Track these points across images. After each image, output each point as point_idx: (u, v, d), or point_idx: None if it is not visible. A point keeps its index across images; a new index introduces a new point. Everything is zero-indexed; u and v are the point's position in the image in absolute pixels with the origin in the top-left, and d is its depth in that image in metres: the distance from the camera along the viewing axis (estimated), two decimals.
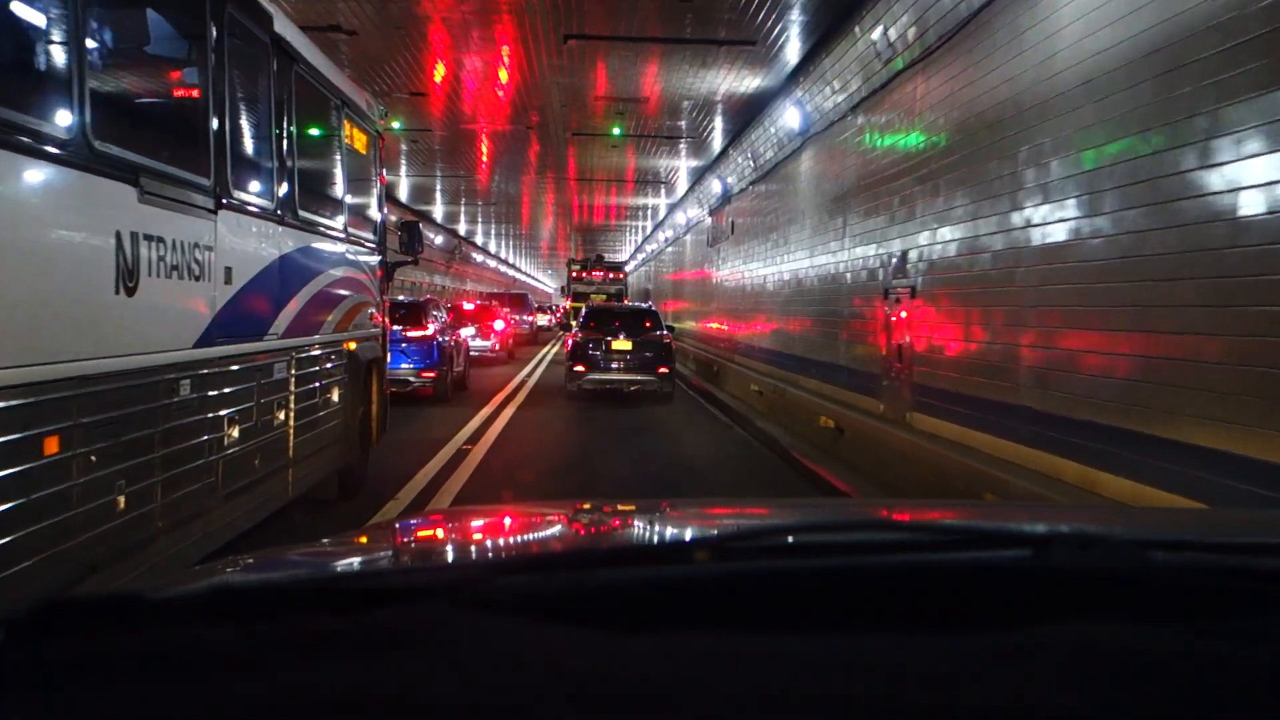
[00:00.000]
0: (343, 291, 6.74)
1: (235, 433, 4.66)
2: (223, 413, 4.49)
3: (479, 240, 43.74)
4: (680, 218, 27.80)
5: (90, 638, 0.82)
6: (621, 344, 15.23)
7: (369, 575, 1.29)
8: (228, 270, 4.52)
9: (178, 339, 4.03)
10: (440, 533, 1.78)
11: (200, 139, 4.33)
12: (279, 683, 0.74)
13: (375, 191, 8.00)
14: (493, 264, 51.11)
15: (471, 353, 18.68)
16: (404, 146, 19.17)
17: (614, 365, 15.18)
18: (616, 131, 17.07)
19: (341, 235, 6.70)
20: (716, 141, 18.33)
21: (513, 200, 29.94)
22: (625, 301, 30.52)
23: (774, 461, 10.52)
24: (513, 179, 25.42)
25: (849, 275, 11.07)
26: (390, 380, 13.97)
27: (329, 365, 6.36)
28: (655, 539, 1.64)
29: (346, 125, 6.88)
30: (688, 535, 1.68)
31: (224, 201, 4.46)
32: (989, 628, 0.85)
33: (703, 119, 16.28)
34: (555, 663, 0.78)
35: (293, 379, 5.56)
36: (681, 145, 19.05)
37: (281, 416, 5.40)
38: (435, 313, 15.43)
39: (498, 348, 23.62)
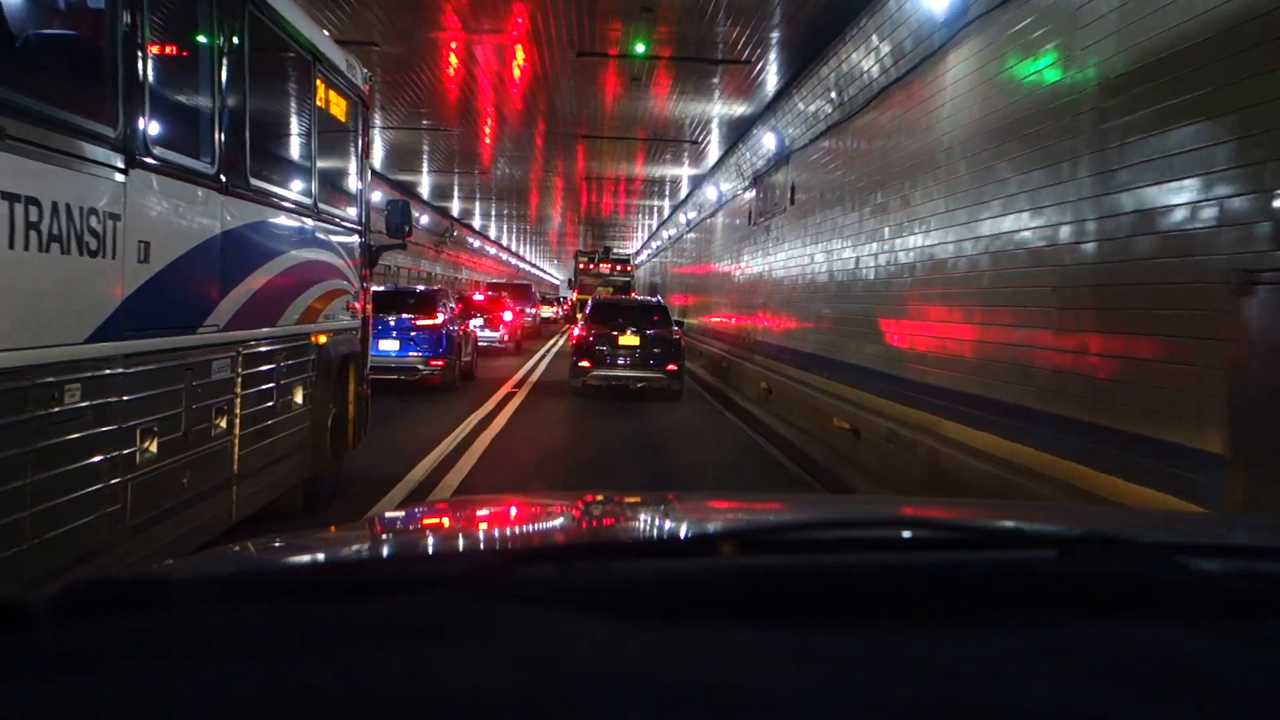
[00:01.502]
0: (310, 276, 5.84)
1: (152, 447, 3.77)
2: (133, 423, 3.60)
3: (476, 224, 39.04)
4: (709, 193, 21.58)
5: (118, 620, 0.82)
6: (629, 339, 14.57)
7: (393, 563, 1.28)
8: (143, 246, 3.63)
9: (60, 331, 3.13)
10: (458, 522, 1.74)
11: (105, 79, 3.42)
12: (312, 669, 0.73)
13: (356, 165, 7.09)
14: (493, 250, 47.68)
15: (480, 343, 18.62)
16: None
17: (620, 361, 14.52)
18: (640, 49, 11.42)
19: (310, 211, 5.80)
20: (771, 77, 12.64)
21: (515, 180, 25.48)
22: (633, 295, 29.56)
23: None
24: (515, 149, 19.93)
25: (1088, 247, 5.57)
26: (399, 368, 14.37)
27: (290, 361, 5.46)
28: (679, 532, 1.60)
29: (320, 85, 5.97)
30: (711, 528, 1.64)
31: (138, 158, 3.56)
32: (1016, 628, 0.84)
33: (755, 34, 10.70)
34: (594, 655, 0.76)
35: (239, 379, 4.67)
36: (716, 88, 13.54)
37: (223, 424, 4.51)
38: (445, 303, 15.23)
39: (506, 339, 23.53)
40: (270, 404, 5.15)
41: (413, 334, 14.05)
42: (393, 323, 13.98)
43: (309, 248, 5.79)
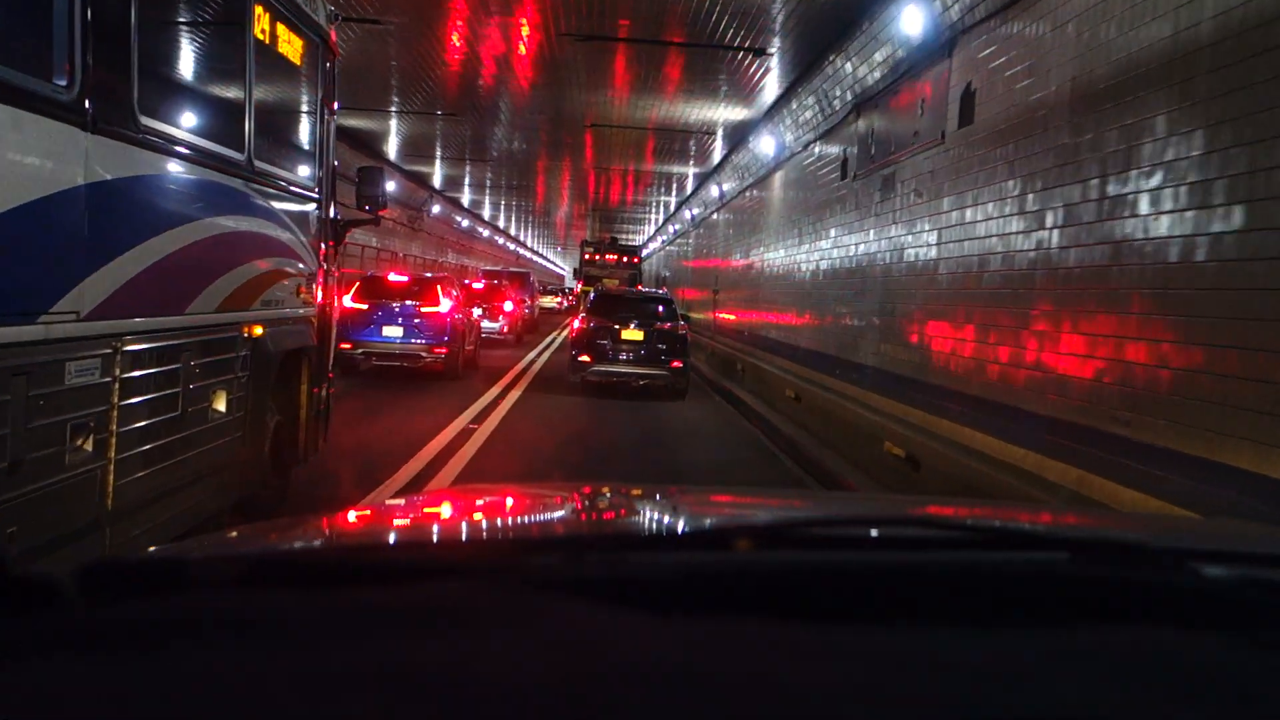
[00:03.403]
0: (240, 252, 4.65)
1: None
2: None
3: (465, 201, 34.72)
4: (764, 145, 15.13)
5: (146, 599, 0.83)
6: (632, 334, 13.71)
7: (416, 549, 1.25)
8: None
9: None
10: (473, 510, 1.71)
11: None
12: (342, 653, 0.73)
13: (313, 121, 5.88)
14: (486, 233, 44.23)
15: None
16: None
17: (623, 356, 13.68)
18: None
19: (241, 169, 4.59)
20: None
21: (515, 156, 21.63)
22: (639, 288, 28.20)
23: None
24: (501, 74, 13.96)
25: None
26: (403, 354, 13.90)
27: (206, 359, 4.27)
28: (694, 525, 1.54)
29: (259, 12, 4.74)
30: (727, 522, 1.59)
31: None
32: (1027, 629, 0.84)
33: None
34: (617, 646, 0.76)
35: (117, 385, 3.48)
36: None
37: (87, 446, 3.31)
38: (450, 290, 15.00)
39: (506, 330, 22.68)
40: (171, 415, 3.96)
41: (417, 321, 13.93)
42: (397, 309, 14.00)
43: (237, 215, 4.58)
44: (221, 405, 4.50)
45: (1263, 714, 0.73)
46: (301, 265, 5.54)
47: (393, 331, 13.90)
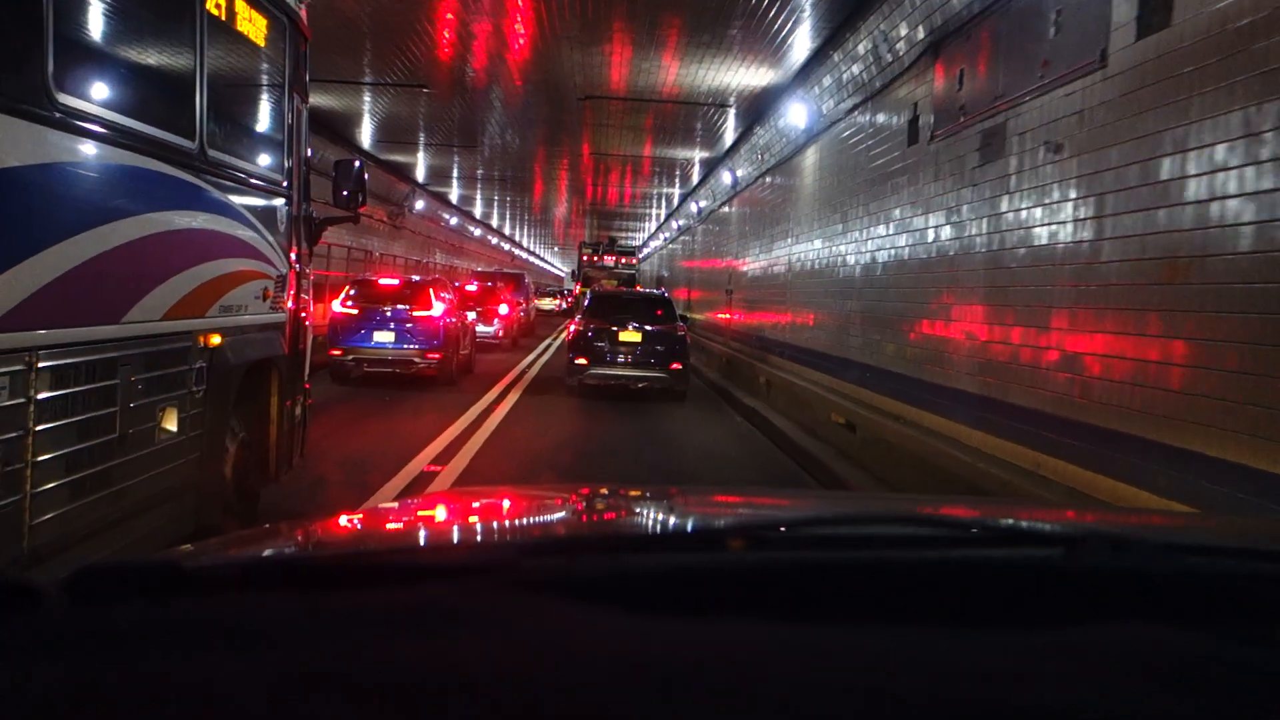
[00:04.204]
0: (192, 252, 4.15)
1: None
2: None
3: (454, 197, 32.59)
4: (793, 116, 12.46)
5: (131, 605, 0.82)
6: (630, 335, 13.34)
7: (407, 551, 1.25)
8: None
9: None
10: (469, 512, 1.70)
11: None
12: (331, 656, 0.72)
13: (280, 108, 5.37)
14: (478, 231, 42.56)
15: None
16: None
17: (621, 358, 13.30)
18: None
19: (192, 159, 4.08)
20: None
21: (507, 144, 19.81)
22: (637, 288, 27.68)
23: None
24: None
25: None
26: (395, 360, 13.40)
27: (150, 373, 3.77)
28: (688, 526, 1.57)
29: None
30: (720, 523, 1.58)
31: None
32: (1021, 625, 0.83)
33: None
34: (608, 647, 0.76)
35: (32, 406, 2.98)
36: None
37: None
38: (443, 294, 14.71)
39: (500, 334, 22.24)
40: (108, 438, 3.47)
41: (409, 326, 13.58)
42: (389, 314, 13.62)
43: (187, 210, 4.08)
44: (172, 424, 4.01)
45: (1260, 712, 0.72)
46: (268, 267, 5.05)
47: (384, 337, 13.55)
